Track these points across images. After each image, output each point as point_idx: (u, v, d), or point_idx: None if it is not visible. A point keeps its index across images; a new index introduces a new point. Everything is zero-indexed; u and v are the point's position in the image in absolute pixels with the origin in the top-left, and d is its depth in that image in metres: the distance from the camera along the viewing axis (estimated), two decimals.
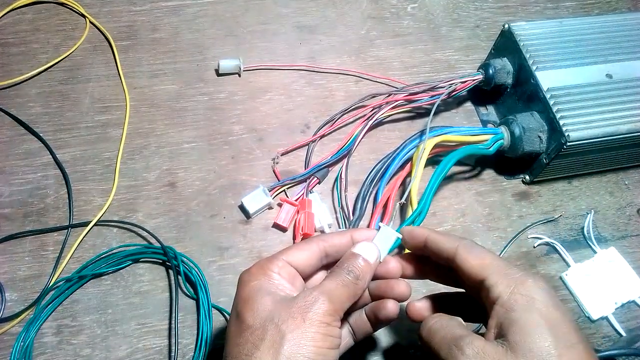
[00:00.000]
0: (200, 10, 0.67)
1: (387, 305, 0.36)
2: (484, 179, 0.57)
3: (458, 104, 0.62)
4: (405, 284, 0.37)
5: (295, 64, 0.63)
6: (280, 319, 0.31)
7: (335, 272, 0.34)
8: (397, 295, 0.36)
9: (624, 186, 0.58)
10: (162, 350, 0.46)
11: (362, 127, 0.56)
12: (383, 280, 0.37)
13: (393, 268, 0.37)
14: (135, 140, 0.56)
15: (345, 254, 0.36)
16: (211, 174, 0.55)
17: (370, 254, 0.35)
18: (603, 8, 0.73)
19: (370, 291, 0.38)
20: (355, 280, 0.34)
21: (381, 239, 0.37)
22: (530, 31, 0.56)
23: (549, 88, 0.52)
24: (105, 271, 0.48)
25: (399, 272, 0.37)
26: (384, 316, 0.36)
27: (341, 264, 0.35)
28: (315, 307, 0.31)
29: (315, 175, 0.54)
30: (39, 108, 0.58)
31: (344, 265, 0.35)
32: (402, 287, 0.36)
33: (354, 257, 0.35)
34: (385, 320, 0.37)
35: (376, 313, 0.37)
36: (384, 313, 0.36)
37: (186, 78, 0.61)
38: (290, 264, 0.35)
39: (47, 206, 0.52)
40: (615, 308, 0.50)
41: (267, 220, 0.53)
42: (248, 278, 0.34)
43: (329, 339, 0.31)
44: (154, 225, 0.51)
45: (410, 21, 0.69)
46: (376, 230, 0.38)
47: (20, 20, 0.64)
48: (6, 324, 0.46)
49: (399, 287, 0.36)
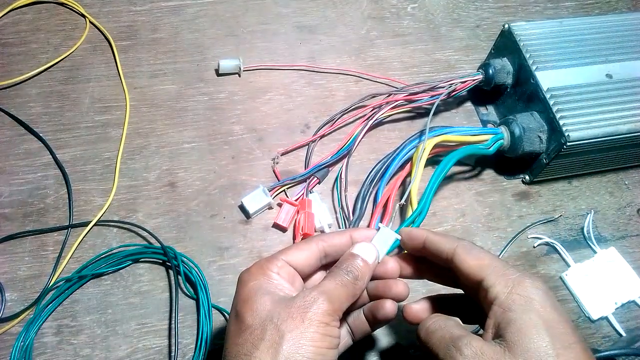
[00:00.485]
0: (200, 10, 0.67)
1: (385, 305, 0.36)
2: (484, 179, 0.57)
3: (458, 104, 0.62)
4: (403, 284, 0.37)
5: (295, 64, 0.63)
6: (279, 318, 0.31)
7: (334, 272, 0.34)
8: (395, 296, 0.36)
9: (624, 186, 0.58)
10: (162, 350, 0.46)
11: (362, 127, 0.56)
12: (381, 280, 0.37)
13: (391, 268, 0.37)
14: (135, 140, 0.56)
15: (345, 254, 0.36)
16: (211, 174, 0.55)
17: (369, 255, 0.35)
18: (603, 8, 0.73)
19: (369, 291, 0.38)
20: (354, 280, 0.34)
21: (380, 239, 0.37)
22: (530, 31, 0.56)
23: (549, 88, 0.52)
24: (105, 271, 0.48)
25: (397, 273, 0.37)
26: (382, 316, 0.36)
27: (340, 264, 0.35)
28: (315, 307, 0.31)
29: (315, 175, 0.54)
30: (39, 108, 0.58)
31: (343, 265, 0.35)
32: (400, 288, 0.36)
33: (353, 257, 0.35)
34: (383, 320, 0.37)
35: (374, 313, 0.37)
36: (382, 313, 0.36)
37: (186, 78, 0.61)
38: (289, 264, 0.35)
39: (47, 206, 0.52)
40: (615, 308, 0.50)
41: (267, 220, 0.53)
42: (247, 278, 0.34)
43: (327, 338, 0.31)
44: (154, 225, 0.51)
45: (410, 21, 0.69)
46: (375, 231, 0.38)
47: (20, 20, 0.64)
48: (6, 324, 0.46)
49: (397, 288, 0.36)
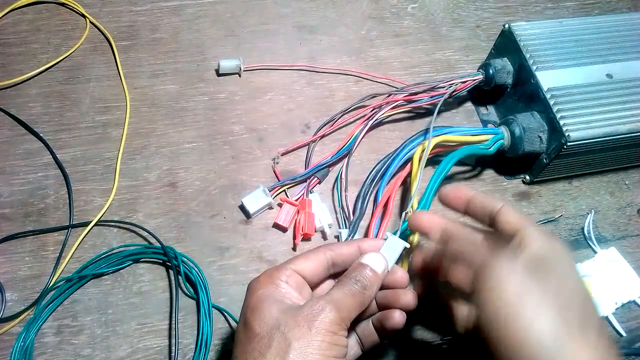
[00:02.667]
0: (200, 10, 0.67)
1: (393, 315, 0.36)
2: (484, 179, 0.57)
3: (458, 104, 0.62)
4: (412, 294, 0.37)
5: (295, 64, 0.63)
6: (286, 327, 0.31)
7: (343, 281, 0.35)
8: (403, 305, 0.37)
9: (624, 186, 0.58)
10: (163, 350, 0.46)
11: (362, 127, 0.56)
12: (390, 290, 0.37)
13: (400, 277, 0.37)
14: (136, 140, 0.56)
15: (353, 264, 0.36)
16: (211, 174, 0.55)
17: (378, 265, 0.36)
18: (603, 8, 0.73)
19: (377, 301, 0.38)
20: (363, 289, 0.34)
21: (389, 248, 0.37)
22: (530, 31, 0.56)
23: (549, 88, 0.52)
24: (106, 271, 0.48)
25: (406, 282, 0.37)
26: (391, 326, 0.36)
27: (349, 273, 0.35)
28: (322, 315, 0.31)
29: (315, 175, 0.54)
30: (39, 108, 0.58)
31: (352, 274, 0.35)
32: (408, 297, 0.37)
33: (361, 267, 0.35)
34: (391, 330, 0.37)
35: (383, 323, 0.37)
36: (391, 323, 0.36)
37: (186, 78, 0.61)
38: (297, 273, 0.36)
39: (48, 206, 0.52)
40: (616, 308, 0.50)
41: (267, 220, 0.53)
42: (256, 286, 0.34)
43: (335, 347, 0.31)
44: (154, 225, 0.51)
45: (410, 21, 0.69)
46: (384, 240, 0.38)
47: (20, 20, 0.64)
48: (6, 324, 0.46)
49: (406, 297, 0.37)
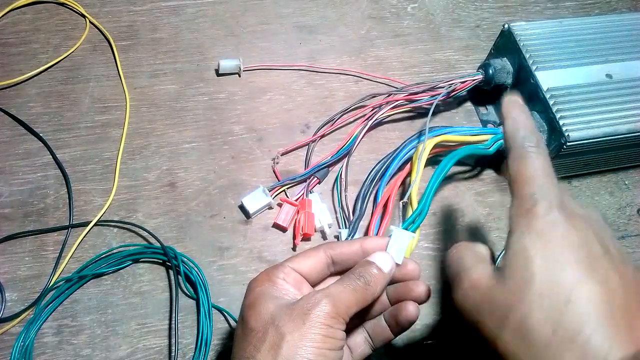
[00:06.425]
0: (200, 10, 0.67)
1: (407, 307, 0.36)
2: (484, 179, 0.57)
3: (458, 104, 0.62)
4: (424, 285, 0.37)
5: (295, 64, 0.63)
6: (281, 320, 0.31)
7: (346, 276, 0.34)
8: (416, 297, 0.36)
9: (624, 186, 0.58)
10: (162, 350, 0.46)
11: (362, 127, 0.56)
12: (402, 283, 0.37)
13: (411, 270, 0.37)
14: (135, 140, 0.56)
15: (360, 262, 0.36)
16: (211, 174, 0.55)
17: (385, 264, 0.35)
18: (603, 8, 0.73)
19: (389, 295, 0.38)
20: (365, 285, 0.34)
21: (395, 242, 0.37)
22: (530, 31, 0.56)
23: (549, 88, 0.52)
24: (105, 271, 0.48)
25: (417, 274, 0.37)
26: (404, 318, 0.36)
27: (354, 270, 0.35)
28: (317, 309, 0.31)
29: (315, 175, 0.54)
30: (39, 108, 0.58)
31: (356, 270, 0.35)
32: (421, 288, 0.36)
33: (367, 264, 0.35)
34: (405, 324, 0.36)
35: (396, 316, 0.37)
36: (404, 315, 0.36)
37: (186, 78, 0.61)
38: (296, 270, 0.36)
39: (47, 206, 0.52)
40: None
41: (267, 220, 0.53)
42: (254, 284, 0.35)
43: (330, 340, 0.31)
44: (154, 225, 0.51)
45: (410, 21, 0.69)
46: (388, 238, 0.37)
47: (20, 20, 0.64)
48: (6, 324, 0.46)
49: (418, 289, 0.36)
